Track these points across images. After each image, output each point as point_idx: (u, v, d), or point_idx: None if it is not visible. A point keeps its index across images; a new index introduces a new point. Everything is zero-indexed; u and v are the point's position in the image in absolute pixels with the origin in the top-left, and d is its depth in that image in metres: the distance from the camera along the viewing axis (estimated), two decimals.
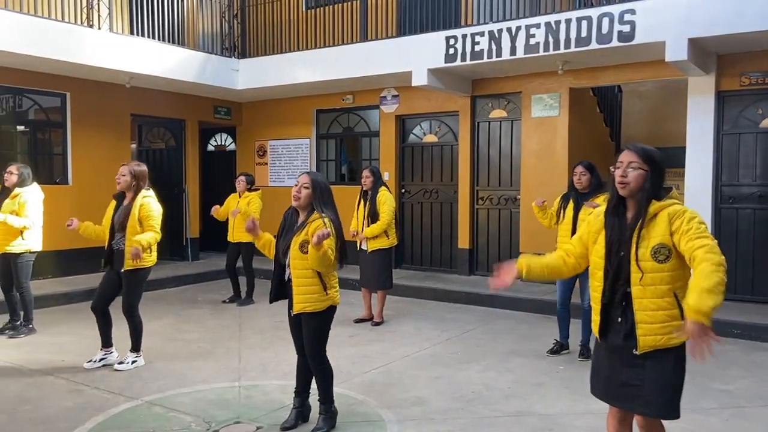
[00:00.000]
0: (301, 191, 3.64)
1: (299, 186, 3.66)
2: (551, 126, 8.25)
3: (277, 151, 11.15)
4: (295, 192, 3.66)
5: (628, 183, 2.57)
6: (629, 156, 2.59)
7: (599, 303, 2.66)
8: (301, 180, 3.68)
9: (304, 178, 3.68)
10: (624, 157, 2.61)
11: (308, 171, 3.83)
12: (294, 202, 3.68)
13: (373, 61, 8.53)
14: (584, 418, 4.03)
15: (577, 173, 5.27)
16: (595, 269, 2.68)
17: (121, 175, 4.94)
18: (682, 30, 6.21)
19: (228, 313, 7.25)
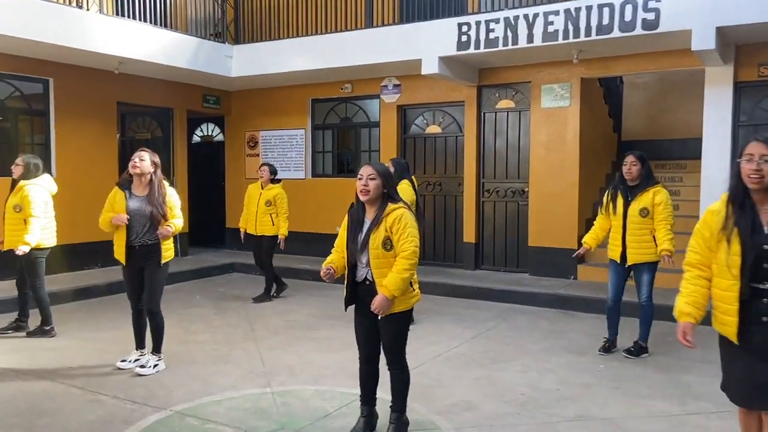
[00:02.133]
0: (369, 183, 3.34)
1: (365, 178, 3.35)
2: (561, 117, 8.08)
3: (270, 141, 10.75)
4: (362, 186, 3.35)
5: (763, 176, 2.38)
6: (761, 148, 2.41)
7: (736, 303, 2.45)
8: (365, 172, 3.38)
9: (368, 170, 3.38)
10: (754, 149, 2.45)
11: (368, 162, 3.52)
12: (363, 197, 3.37)
13: (378, 49, 8.22)
14: (648, 423, 3.84)
15: (627, 163, 5.06)
16: (728, 268, 2.47)
17: (140, 159, 4.55)
18: (709, 18, 6.08)
19: (234, 312, 6.89)
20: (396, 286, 3.25)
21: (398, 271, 3.27)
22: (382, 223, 3.34)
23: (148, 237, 4.58)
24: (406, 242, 3.29)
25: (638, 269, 5.13)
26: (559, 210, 8.12)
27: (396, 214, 3.33)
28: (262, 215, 7.29)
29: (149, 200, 4.56)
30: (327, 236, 10.04)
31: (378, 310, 3.30)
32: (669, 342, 5.69)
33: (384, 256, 3.31)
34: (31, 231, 5.44)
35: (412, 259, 3.29)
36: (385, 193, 3.37)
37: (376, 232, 3.33)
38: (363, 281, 3.46)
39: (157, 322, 4.73)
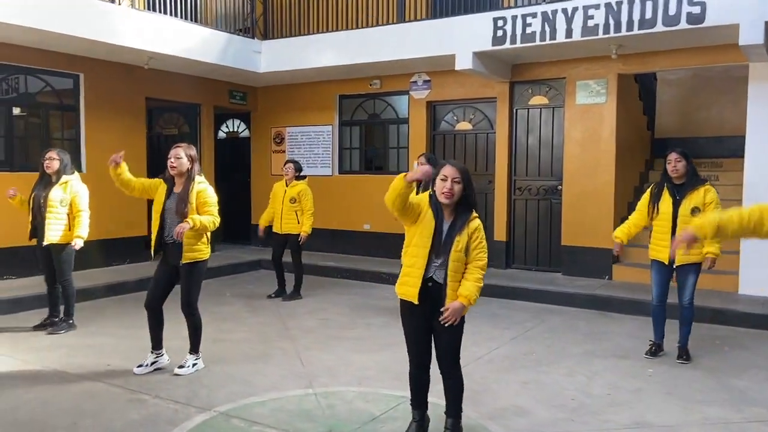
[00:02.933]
0: (454, 187, 3.21)
1: (449, 180, 3.20)
2: (597, 114, 7.91)
3: (296, 138, 10.67)
4: (447, 189, 3.19)
5: None
6: None
7: None
8: (450, 173, 3.22)
9: (452, 171, 3.21)
10: None
11: (450, 162, 3.33)
12: (446, 200, 3.22)
13: (409, 44, 8.10)
14: (708, 429, 3.71)
15: (672, 160, 4.91)
16: None
17: (176, 158, 4.46)
18: (758, 12, 5.89)
19: (266, 311, 6.82)
20: (475, 296, 3.23)
21: (476, 280, 3.23)
22: (466, 228, 3.25)
23: None
24: (482, 252, 3.28)
25: (684, 270, 4.97)
26: (593, 209, 7.96)
27: (478, 222, 3.30)
28: (287, 213, 7.20)
29: (179, 196, 4.47)
30: (353, 233, 10.05)
31: (451, 318, 3.20)
32: (716, 345, 5.55)
33: (462, 260, 3.25)
34: (84, 225, 5.50)
35: (485, 269, 3.29)
36: (466, 195, 3.24)
37: (460, 236, 3.24)
38: (426, 281, 3.32)
39: (195, 322, 4.66)
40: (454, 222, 3.28)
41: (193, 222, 4.35)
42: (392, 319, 6.39)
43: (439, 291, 3.29)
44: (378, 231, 9.72)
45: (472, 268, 3.25)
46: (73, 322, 5.79)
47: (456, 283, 3.25)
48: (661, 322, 5.17)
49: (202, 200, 4.49)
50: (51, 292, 5.83)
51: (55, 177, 5.59)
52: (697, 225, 2.87)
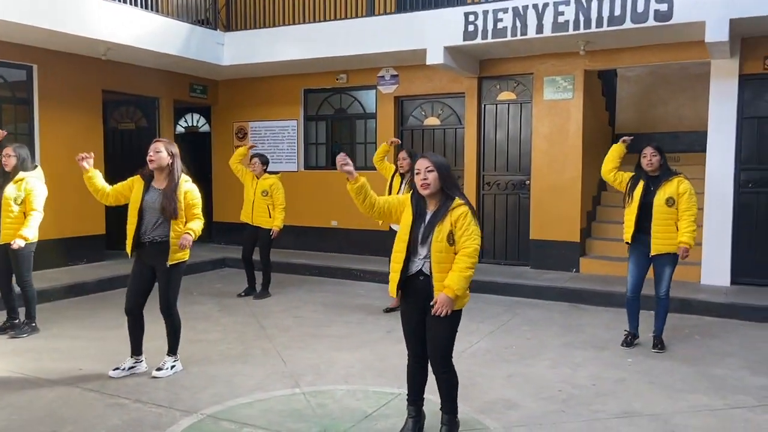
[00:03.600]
0: (428, 176, 3.19)
1: (423, 171, 3.20)
2: (564, 109, 8.02)
3: (260, 133, 10.46)
4: (422, 180, 3.19)
5: None
6: None
7: None
8: (422, 165, 3.22)
9: (424, 163, 3.22)
10: None
11: (423, 154, 3.35)
12: (424, 191, 3.21)
13: (379, 38, 8.03)
14: (695, 418, 3.78)
15: (647, 155, 5.03)
16: None
17: (155, 151, 4.27)
18: (723, 10, 6.07)
19: (238, 309, 6.66)
20: (459, 285, 3.12)
21: (460, 270, 3.13)
22: (447, 216, 3.20)
23: (159, 233, 4.29)
24: (469, 239, 3.17)
25: (661, 261, 5.08)
26: (561, 203, 8.07)
27: (462, 209, 3.21)
28: (259, 205, 7.08)
29: (164, 193, 4.29)
30: (320, 230, 9.93)
31: (440, 312, 3.15)
32: (687, 334, 5.70)
33: (446, 250, 3.18)
34: (32, 225, 5.17)
35: (473, 257, 3.18)
36: (444, 184, 3.21)
37: (441, 225, 3.19)
38: (416, 275, 3.29)
39: (174, 323, 4.49)
40: (435, 213, 3.24)
41: (195, 234, 4.28)
42: (369, 316, 6.35)
43: (428, 284, 3.25)
44: (346, 227, 9.64)
45: (459, 257, 3.17)
46: (35, 325, 5.51)
47: (443, 274, 3.19)
48: (636, 313, 5.28)
49: (190, 202, 4.35)
50: (7, 294, 5.52)
51: (12, 173, 5.29)
52: None
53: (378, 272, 8.22)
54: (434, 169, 3.19)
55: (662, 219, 4.96)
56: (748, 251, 7.14)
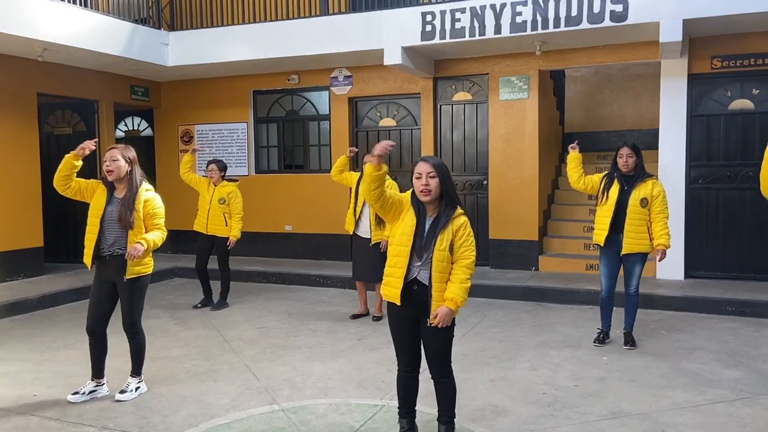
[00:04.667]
0: (430, 182, 3.05)
1: (424, 177, 3.06)
2: (520, 109, 8.07)
3: (207, 136, 10.08)
4: (423, 186, 3.05)
5: None
6: None
7: None
8: (423, 169, 3.07)
9: (426, 167, 3.07)
10: None
11: (424, 158, 3.19)
12: (425, 198, 3.08)
13: (334, 38, 7.86)
14: (681, 415, 3.81)
15: (624, 155, 5.06)
16: None
17: (112, 160, 3.97)
18: (677, 10, 6.22)
19: (197, 322, 6.34)
20: (462, 297, 3.06)
21: (461, 281, 3.06)
22: (450, 225, 3.08)
23: (119, 246, 4.00)
24: (468, 250, 3.10)
25: (632, 259, 5.14)
26: (519, 202, 8.12)
27: (463, 219, 3.13)
28: (215, 214, 6.76)
29: (122, 202, 3.99)
30: (274, 235, 9.64)
31: (441, 324, 3.04)
32: (652, 329, 5.80)
33: (447, 259, 3.08)
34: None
35: (471, 268, 3.11)
36: (445, 191, 3.09)
37: (443, 234, 3.08)
38: (410, 282, 3.15)
39: (138, 341, 4.19)
40: (437, 219, 3.13)
41: (147, 244, 3.93)
42: (337, 323, 6.17)
43: (424, 293, 3.13)
44: (301, 232, 9.41)
45: (457, 268, 3.10)
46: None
47: (442, 284, 3.09)
48: (610, 312, 5.32)
49: (150, 211, 4.05)
50: None
51: None
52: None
53: (339, 277, 8.05)
54: (436, 174, 3.06)
55: (636, 219, 5.00)
56: (699, 245, 7.36)
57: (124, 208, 3.93)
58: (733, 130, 7.27)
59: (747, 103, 7.22)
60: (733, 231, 7.29)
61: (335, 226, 9.17)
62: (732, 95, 7.25)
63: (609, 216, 5.06)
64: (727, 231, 7.32)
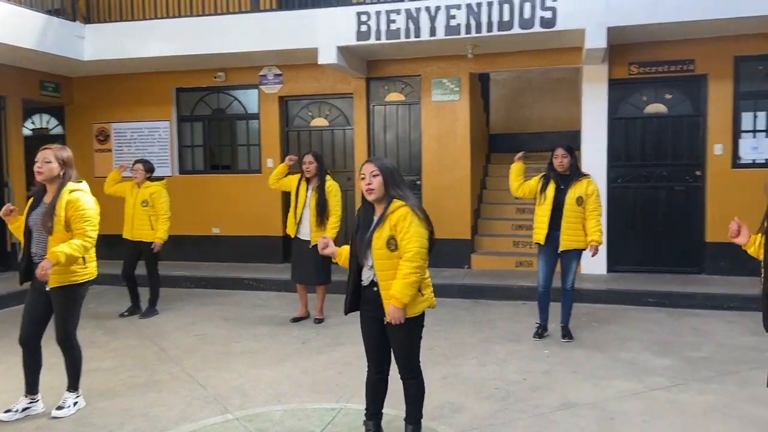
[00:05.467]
0: (372, 181, 3.05)
1: (367, 176, 3.07)
2: (452, 111, 8.22)
3: (125, 135, 9.59)
4: (366, 186, 3.07)
5: None
6: None
7: None
8: (367, 170, 3.10)
9: (369, 167, 3.10)
10: None
11: (369, 158, 3.18)
12: (369, 197, 3.09)
13: (266, 35, 7.68)
14: (626, 403, 4.00)
15: (559, 156, 5.25)
16: None
17: (44, 161, 3.69)
18: (602, 18, 6.53)
19: (126, 331, 6.01)
20: (403, 293, 2.99)
21: (403, 276, 3.00)
22: (386, 221, 3.06)
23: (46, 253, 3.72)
24: (410, 242, 3.01)
25: (568, 256, 5.35)
26: (451, 202, 8.26)
27: (401, 212, 3.05)
28: (139, 218, 6.43)
29: (47, 206, 3.72)
30: (200, 238, 9.30)
31: (394, 322, 3.03)
32: (584, 322, 6.06)
33: (389, 257, 3.04)
34: None
35: (415, 260, 3.01)
36: (388, 188, 3.08)
37: (379, 231, 3.05)
38: (370, 285, 3.14)
39: (74, 355, 3.91)
40: (378, 218, 3.12)
41: (57, 258, 3.54)
42: (278, 327, 6.04)
43: (378, 294, 3.12)
44: (229, 235, 9.15)
45: (401, 263, 3.03)
46: None
47: (388, 282, 3.06)
48: (547, 306, 5.51)
49: (73, 213, 3.67)
50: None
51: None
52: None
53: (273, 280, 7.88)
54: (379, 173, 3.07)
55: (572, 217, 5.21)
56: (620, 241, 7.77)
57: (45, 214, 3.66)
58: (649, 133, 7.74)
59: (661, 107, 7.70)
60: (650, 227, 7.75)
61: (265, 228, 9.01)
62: (647, 100, 7.71)
63: (547, 215, 5.24)
64: (644, 227, 7.78)
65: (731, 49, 7.28)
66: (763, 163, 7.42)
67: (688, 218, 7.65)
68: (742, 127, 7.45)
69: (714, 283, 7.10)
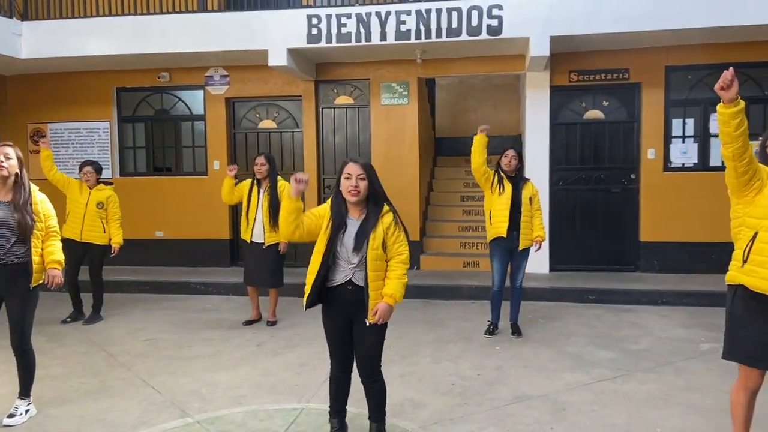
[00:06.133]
0: (359, 184, 3.11)
1: (354, 178, 3.11)
2: (401, 114, 8.36)
3: (63, 136, 9.26)
4: (353, 187, 3.10)
5: None
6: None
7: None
8: (353, 171, 3.13)
9: (356, 169, 3.13)
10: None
11: (352, 159, 3.22)
12: (353, 198, 3.12)
13: (213, 36, 7.59)
14: (575, 394, 4.21)
15: (509, 156, 5.46)
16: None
17: (6, 158, 3.61)
18: (545, 28, 6.81)
19: (71, 337, 5.82)
20: (401, 293, 3.14)
21: (398, 277, 3.13)
22: (380, 223, 3.14)
23: (16, 253, 3.64)
24: (402, 246, 3.18)
25: (522, 254, 5.55)
26: (401, 204, 8.09)
27: (391, 216, 3.20)
28: (91, 219, 6.26)
29: (14, 206, 3.63)
30: (143, 242, 9.06)
31: (381, 320, 3.10)
32: (531, 319, 6.30)
33: (381, 258, 3.14)
34: None
35: (407, 263, 3.20)
36: (373, 191, 3.16)
37: (375, 233, 3.12)
38: (344, 284, 3.18)
39: (29, 360, 3.84)
40: (366, 219, 3.18)
41: (61, 264, 3.77)
42: (230, 331, 6.00)
43: (360, 293, 3.17)
44: (173, 238, 8.97)
45: (393, 264, 3.17)
46: None
47: (378, 283, 3.15)
48: (500, 305, 5.70)
49: (47, 213, 3.79)
50: None
51: None
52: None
53: (221, 284, 7.80)
54: (366, 177, 3.13)
55: (527, 216, 5.43)
56: (561, 241, 8.09)
57: (22, 213, 3.58)
58: (588, 138, 8.11)
59: (598, 114, 8.09)
60: (588, 227, 8.12)
61: (212, 231, 8.89)
62: (586, 106, 8.08)
63: (507, 211, 5.39)
64: (583, 228, 8.14)
65: (662, 59, 7.72)
66: (691, 167, 7.89)
67: (624, 219, 8.06)
68: (673, 133, 7.90)
69: (648, 280, 7.50)
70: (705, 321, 6.06)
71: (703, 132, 7.82)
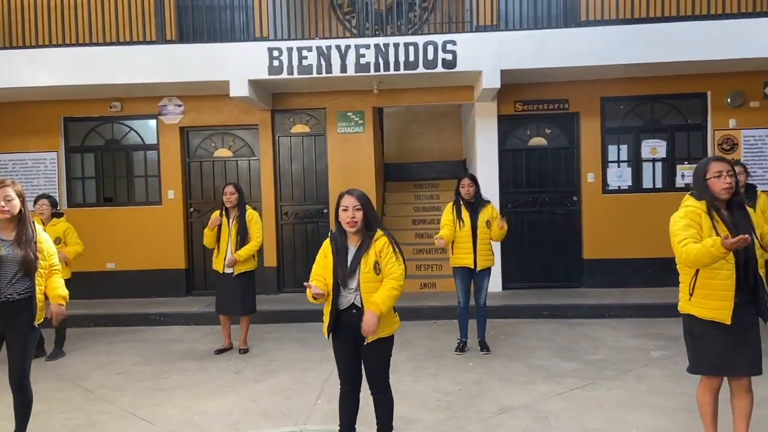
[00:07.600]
0: (356, 215, 3.35)
1: (351, 209, 3.37)
2: (357, 142, 8.64)
3: (6, 167, 8.96)
4: (350, 218, 3.36)
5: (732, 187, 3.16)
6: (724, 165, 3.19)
7: (732, 289, 3.09)
8: (350, 203, 3.39)
9: (352, 201, 3.39)
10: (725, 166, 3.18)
11: (349, 191, 3.46)
12: (351, 229, 3.38)
13: (173, 67, 7.63)
14: (554, 403, 4.54)
15: (465, 185, 5.82)
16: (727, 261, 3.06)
17: (7, 200, 3.60)
18: (496, 62, 7.30)
19: (38, 374, 5.54)
20: (386, 303, 3.30)
21: (387, 289, 3.33)
22: (371, 248, 3.37)
23: (18, 289, 3.63)
24: (395, 265, 3.39)
25: (482, 274, 5.91)
26: None
27: (384, 240, 3.42)
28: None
29: (18, 242, 3.63)
30: (94, 275, 8.83)
31: (368, 331, 3.29)
32: (492, 335, 6.64)
33: (374, 279, 3.36)
34: None
35: (400, 280, 3.39)
36: (367, 221, 3.40)
37: (366, 256, 3.35)
38: (349, 308, 3.40)
39: (27, 397, 3.80)
40: (360, 246, 3.43)
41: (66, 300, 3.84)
42: (204, 360, 6.02)
43: (361, 315, 3.39)
44: (125, 269, 8.82)
45: (386, 280, 3.37)
46: None
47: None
48: (467, 322, 6.01)
49: (48, 250, 3.82)
50: None
51: None
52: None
53: (181, 314, 7.75)
54: (361, 208, 3.38)
55: (484, 239, 5.79)
56: (511, 260, 8.54)
57: (25, 251, 3.59)
58: (533, 163, 8.66)
59: (542, 141, 8.66)
60: (536, 247, 8.62)
61: (166, 261, 8.81)
62: (530, 134, 8.64)
63: (470, 242, 5.74)
64: (532, 247, 8.64)
65: (598, 91, 8.40)
66: (626, 189, 8.56)
67: (568, 238, 8.62)
68: (609, 158, 8.57)
69: (593, 295, 8.05)
70: (650, 331, 6.59)
71: (635, 157, 8.52)
